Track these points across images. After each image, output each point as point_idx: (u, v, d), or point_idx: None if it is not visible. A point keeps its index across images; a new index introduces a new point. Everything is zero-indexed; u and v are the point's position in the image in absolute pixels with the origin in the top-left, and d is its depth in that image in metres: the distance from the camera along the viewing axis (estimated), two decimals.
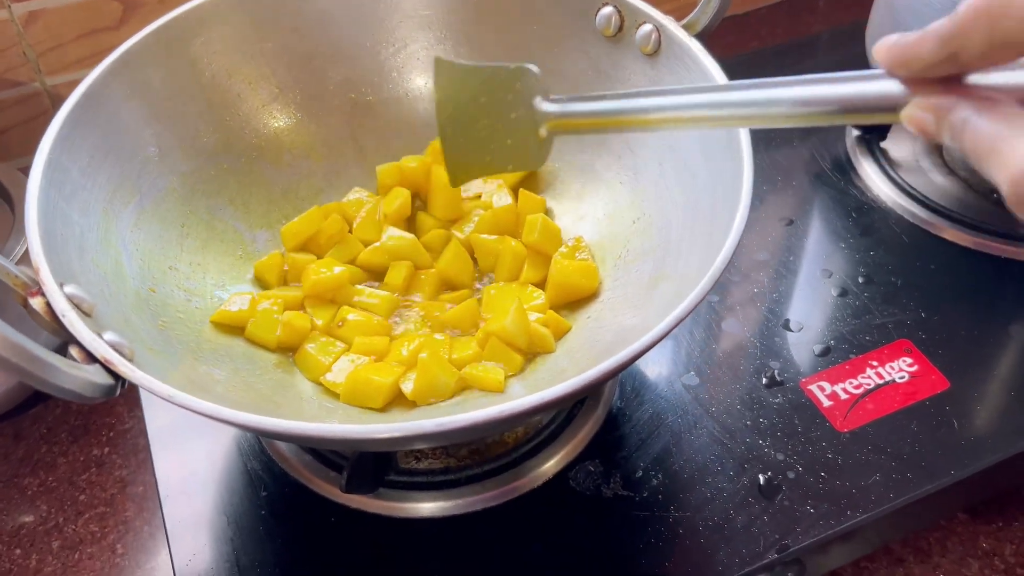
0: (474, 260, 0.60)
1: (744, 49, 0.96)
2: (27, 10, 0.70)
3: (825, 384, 0.59)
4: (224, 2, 0.58)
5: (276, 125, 0.62)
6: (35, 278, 0.41)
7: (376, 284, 0.59)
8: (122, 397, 0.54)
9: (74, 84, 0.51)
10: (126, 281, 0.49)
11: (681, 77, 0.53)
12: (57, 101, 0.76)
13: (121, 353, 0.39)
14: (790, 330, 0.63)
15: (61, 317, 0.40)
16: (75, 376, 0.37)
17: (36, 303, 0.40)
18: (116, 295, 0.47)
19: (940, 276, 0.66)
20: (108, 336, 0.40)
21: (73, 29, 0.73)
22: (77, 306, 0.41)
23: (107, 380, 0.39)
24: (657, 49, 0.55)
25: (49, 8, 0.71)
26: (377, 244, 0.59)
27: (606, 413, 0.57)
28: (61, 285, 0.41)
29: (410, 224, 0.62)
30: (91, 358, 0.39)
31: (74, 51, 0.74)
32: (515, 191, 0.61)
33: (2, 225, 0.69)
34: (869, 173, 0.74)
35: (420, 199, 0.63)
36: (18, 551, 0.59)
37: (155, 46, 0.55)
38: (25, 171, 0.47)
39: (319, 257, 0.59)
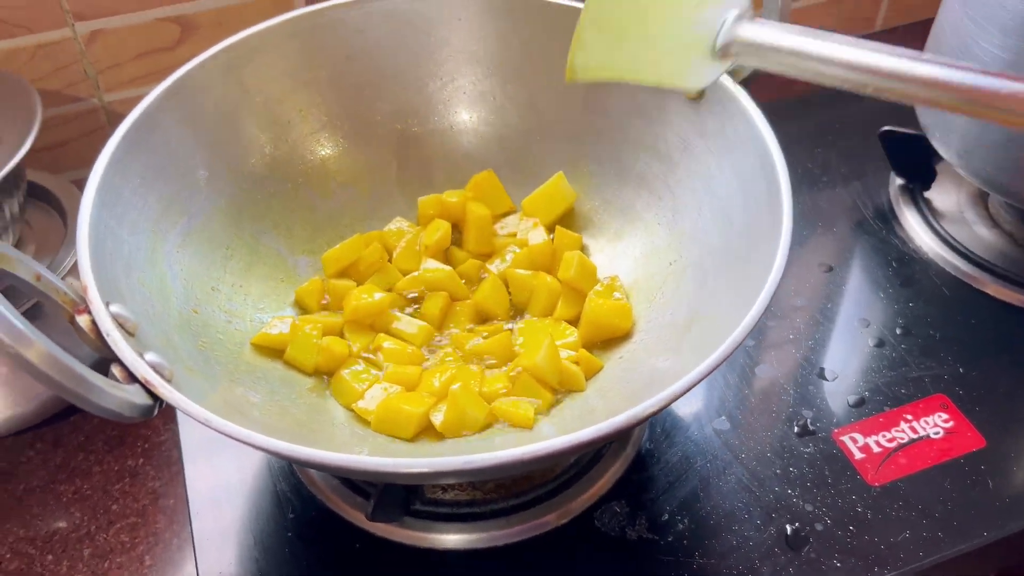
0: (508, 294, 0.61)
1: (790, 94, 0.96)
2: (89, 29, 0.73)
3: (858, 436, 0.58)
4: (279, 31, 0.59)
5: (323, 153, 0.63)
6: (82, 295, 0.42)
7: (413, 308, 0.60)
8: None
9: (130, 101, 0.52)
10: (170, 301, 0.50)
11: (724, 123, 0.53)
12: (113, 117, 0.78)
13: (161, 374, 0.40)
14: (825, 379, 0.62)
15: (106, 336, 0.41)
16: (115, 396, 0.38)
17: (82, 321, 0.41)
18: (160, 314, 0.48)
19: (980, 331, 0.65)
20: (149, 357, 0.41)
21: (132, 48, 0.75)
22: (121, 325, 0.42)
23: (146, 400, 0.40)
24: (701, 94, 0.55)
25: (110, 28, 0.73)
26: (415, 274, 0.60)
27: (635, 453, 0.57)
28: (107, 304, 0.42)
29: (445, 255, 0.62)
30: (132, 378, 0.40)
31: (132, 70, 0.77)
32: (551, 229, 0.62)
33: (54, 236, 0.71)
34: (912, 223, 0.73)
35: (459, 232, 0.64)
36: (50, 557, 0.60)
37: (210, 72, 0.56)
38: (78, 184, 0.49)
39: (358, 284, 0.60)
